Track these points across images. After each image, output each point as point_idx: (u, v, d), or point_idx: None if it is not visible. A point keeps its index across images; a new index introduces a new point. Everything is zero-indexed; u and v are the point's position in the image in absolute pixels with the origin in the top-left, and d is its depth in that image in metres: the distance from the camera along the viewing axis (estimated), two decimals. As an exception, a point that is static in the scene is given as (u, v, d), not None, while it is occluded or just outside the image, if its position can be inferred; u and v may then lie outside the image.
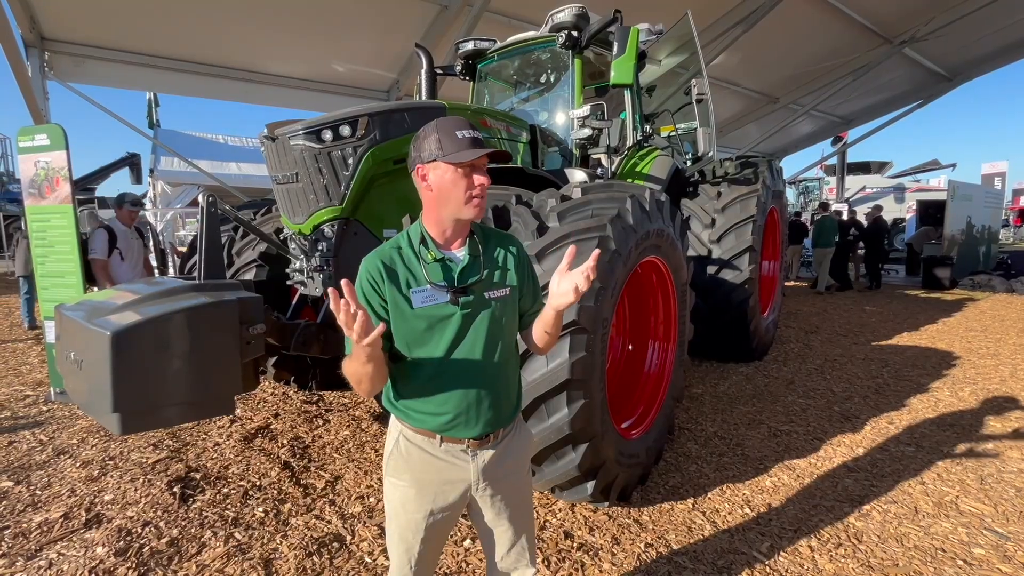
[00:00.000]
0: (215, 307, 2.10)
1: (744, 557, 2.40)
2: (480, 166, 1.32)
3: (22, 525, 2.60)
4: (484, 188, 1.31)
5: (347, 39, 7.78)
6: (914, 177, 23.35)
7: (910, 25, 9.81)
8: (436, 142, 1.29)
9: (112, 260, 4.88)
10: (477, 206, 1.32)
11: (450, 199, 1.31)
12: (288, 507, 2.77)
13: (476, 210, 1.32)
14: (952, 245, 11.79)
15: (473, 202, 1.31)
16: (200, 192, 2.38)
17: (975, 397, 4.53)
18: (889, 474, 3.18)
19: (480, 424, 1.36)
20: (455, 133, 1.29)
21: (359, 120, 2.88)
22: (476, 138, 1.30)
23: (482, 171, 1.32)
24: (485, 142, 1.34)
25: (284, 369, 4.30)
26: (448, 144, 1.28)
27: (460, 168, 1.29)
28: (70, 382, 2.13)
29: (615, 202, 2.59)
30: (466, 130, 1.30)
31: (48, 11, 6.14)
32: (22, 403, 4.35)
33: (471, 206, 1.31)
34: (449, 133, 1.29)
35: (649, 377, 3.26)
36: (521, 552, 1.51)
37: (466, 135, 1.29)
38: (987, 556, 2.42)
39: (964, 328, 7.39)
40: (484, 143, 1.32)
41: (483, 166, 1.33)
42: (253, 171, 13.79)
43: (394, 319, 1.32)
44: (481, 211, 1.33)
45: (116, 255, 4.92)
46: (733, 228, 5.04)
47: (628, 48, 3.78)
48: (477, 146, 1.28)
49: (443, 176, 1.30)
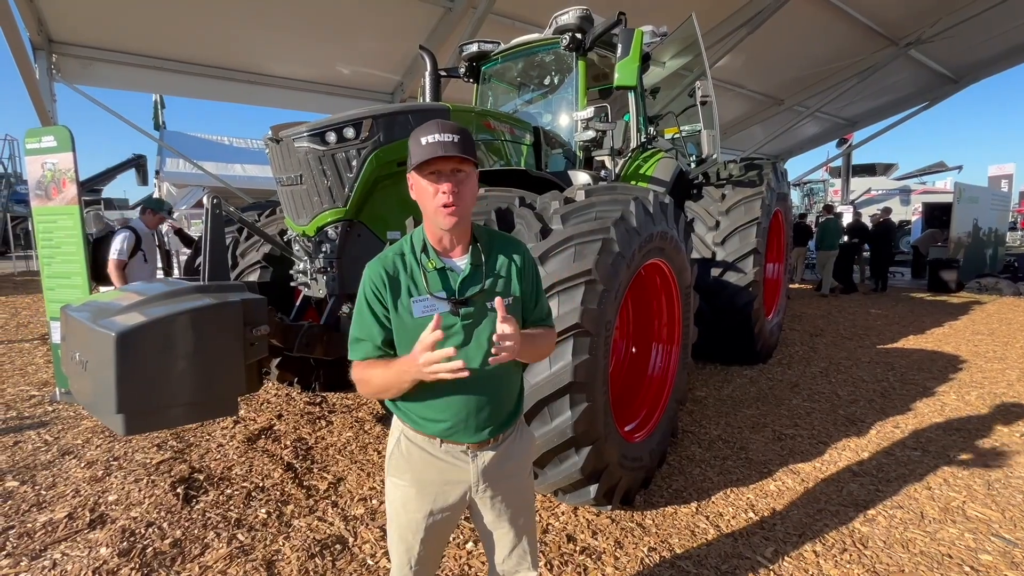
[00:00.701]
0: (219, 308, 2.10)
1: (748, 562, 2.38)
2: (447, 171, 1.23)
3: (27, 525, 2.61)
4: (451, 195, 1.22)
5: (352, 41, 7.81)
6: (920, 179, 23.23)
7: (916, 27, 9.77)
8: (410, 150, 1.27)
9: (135, 261, 5.04)
10: (446, 215, 1.24)
11: (426, 208, 1.28)
12: (291, 508, 2.78)
13: (446, 219, 1.24)
14: (958, 248, 11.72)
15: (441, 211, 1.24)
16: (205, 193, 2.40)
17: (982, 401, 4.49)
18: (895, 479, 3.15)
19: (479, 431, 1.36)
20: (421, 140, 1.23)
21: (363, 122, 2.89)
22: (443, 142, 1.20)
23: (450, 176, 1.23)
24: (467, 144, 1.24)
25: (287, 370, 4.32)
26: (415, 152, 1.24)
27: (426, 176, 1.25)
28: (75, 382, 2.14)
29: (619, 204, 2.58)
30: (434, 134, 1.21)
31: (55, 14, 6.20)
32: (28, 403, 4.38)
33: (440, 215, 1.24)
34: (417, 141, 1.24)
35: (653, 380, 3.25)
36: (523, 555, 1.51)
37: (431, 140, 1.21)
38: (994, 562, 2.39)
39: (971, 331, 7.34)
40: (458, 145, 1.21)
41: (452, 170, 1.24)
42: (257, 172, 13.85)
43: (395, 326, 1.32)
44: (452, 220, 1.24)
45: (140, 256, 5.09)
46: (737, 230, 5.03)
47: (632, 50, 3.78)
48: (440, 150, 1.20)
49: (418, 185, 1.28)
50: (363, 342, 1.34)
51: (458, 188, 1.24)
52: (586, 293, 2.28)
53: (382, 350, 1.33)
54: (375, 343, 1.33)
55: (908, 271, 14.04)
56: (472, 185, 1.29)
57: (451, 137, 1.22)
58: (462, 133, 1.24)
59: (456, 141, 1.22)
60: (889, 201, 19.86)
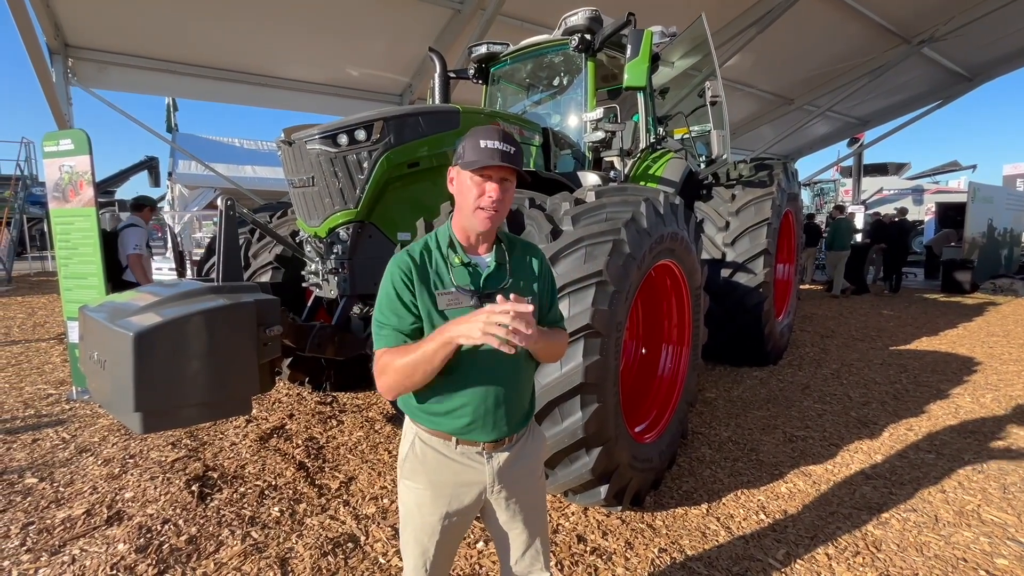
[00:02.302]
0: (233, 309, 2.14)
1: (760, 564, 2.37)
2: (495, 178, 1.29)
3: (46, 521, 2.66)
4: (494, 201, 1.28)
5: (361, 44, 7.87)
6: (933, 179, 22.92)
7: (929, 24, 9.65)
8: (463, 147, 1.31)
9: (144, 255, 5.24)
10: (483, 217, 1.29)
11: (463, 205, 1.33)
12: (303, 507, 2.80)
13: (482, 221, 1.30)
14: (973, 248, 11.56)
15: (479, 212, 1.29)
16: (216, 195, 2.44)
17: (997, 404, 4.43)
18: (908, 482, 3.12)
19: (497, 428, 1.36)
20: (480, 142, 1.27)
21: (374, 124, 2.92)
22: (501, 150, 1.26)
23: (498, 183, 1.29)
24: (520, 158, 1.30)
25: (299, 370, 4.36)
26: (470, 151, 1.29)
27: (474, 176, 1.29)
28: (93, 381, 2.18)
29: (629, 205, 2.58)
30: (494, 141, 1.27)
31: (72, 19, 6.31)
32: (45, 401, 4.45)
33: (477, 216, 1.30)
34: (475, 141, 1.29)
35: (663, 381, 3.24)
36: (535, 556, 1.51)
37: (490, 145, 1.26)
38: (1011, 567, 2.36)
39: (985, 333, 7.24)
40: (514, 158, 1.28)
41: (501, 178, 1.29)
42: (268, 174, 14.00)
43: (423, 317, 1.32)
44: (489, 223, 1.30)
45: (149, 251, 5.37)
46: (747, 231, 5.00)
47: (641, 51, 3.77)
48: (496, 158, 1.25)
49: (462, 181, 1.32)
50: (386, 328, 1.31)
51: (502, 196, 1.30)
52: (597, 294, 2.29)
53: (406, 338, 1.31)
54: (400, 329, 1.31)
55: (921, 272, 13.87)
56: (511, 195, 1.35)
57: (509, 148, 1.28)
58: (518, 147, 1.31)
59: (513, 153, 1.28)
60: (902, 201, 19.63)
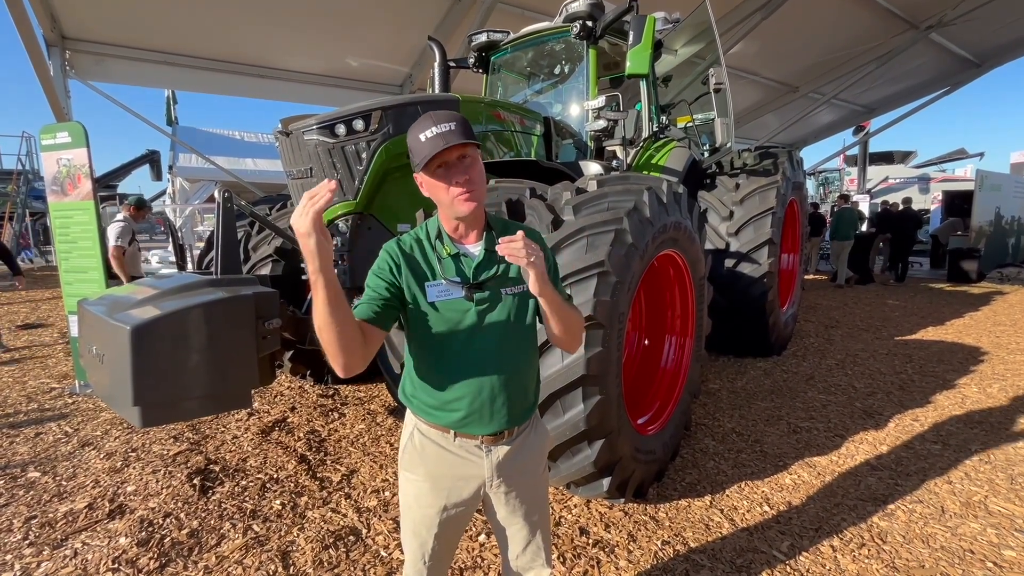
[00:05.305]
0: (232, 302, 2.11)
1: (764, 556, 2.35)
2: (452, 160, 1.21)
3: (48, 515, 2.66)
4: (462, 183, 1.21)
5: (361, 34, 7.79)
6: (940, 167, 22.69)
7: (937, 9, 9.49)
8: (410, 151, 1.25)
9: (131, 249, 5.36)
10: (462, 201, 1.22)
11: (441, 202, 1.27)
12: (305, 500, 2.80)
13: (463, 205, 1.23)
14: (980, 237, 11.44)
15: (459, 199, 1.22)
16: (216, 188, 2.40)
17: (1004, 394, 4.39)
18: (914, 473, 3.10)
19: (494, 421, 1.34)
20: (420, 137, 1.20)
21: (372, 114, 2.87)
22: (440, 133, 1.18)
23: (456, 163, 1.21)
24: (466, 128, 1.20)
25: (300, 363, 4.35)
26: (416, 151, 1.22)
27: (434, 172, 1.22)
28: (93, 375, 2.16)
29: (631, 195, 2.54)
30: (431, 128, 1.19)
31: (69, 10, 6.24)
32: (48, 395, 4.47)
33: (458, 203, 1.23)
34: (415, 138, 1.22)
35: (666, 372, 3.21)
36: (536, 551, 1.49)
37: (428, 135, 1.19)
38: (1018, 558, 2.34)
39: (992, 323, 7.17)
40: (457, 132, 1.18)
41: (458, 157, 1.21)
42: (269, 167, 13.95)
43: (411, 311, 1.30)
44: (471, 205, 1.23)
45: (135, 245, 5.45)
46: (752, 221, 4.94)
47: (644, 38, 3.70)
48: (439, 143, 1.17)
49: (427, 182, 1.26)
50: (359, 305, 1.27)
51: (469, 174, 1.23)
52: (599, 285, 2.26)
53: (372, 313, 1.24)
54: (369, 306, 1.25)
55: (927, 261, 13.75)
56: (480, 167, 1.27)
57: (448, 126, 1.19)
58: (456, 118, 1.21)
59: (455, 128, 1.19)
60: (908, 190, 19.42)
